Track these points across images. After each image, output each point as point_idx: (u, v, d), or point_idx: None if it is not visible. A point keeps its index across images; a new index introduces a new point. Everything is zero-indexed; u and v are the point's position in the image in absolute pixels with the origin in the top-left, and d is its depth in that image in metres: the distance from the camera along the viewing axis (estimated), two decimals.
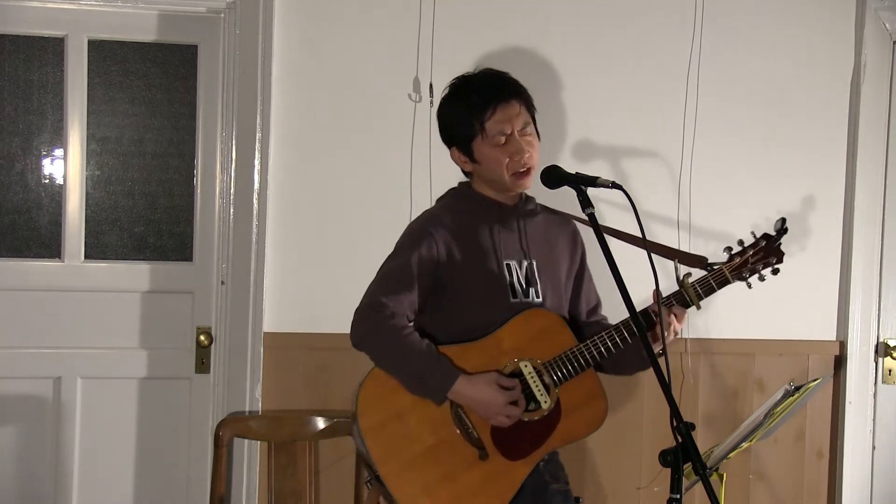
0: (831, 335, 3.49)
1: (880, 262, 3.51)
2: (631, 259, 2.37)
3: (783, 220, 2.42)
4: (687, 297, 2.36)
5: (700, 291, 2.37)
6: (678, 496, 1.94)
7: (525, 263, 2.42)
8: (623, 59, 3.30)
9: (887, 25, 3.44)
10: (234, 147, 3.14)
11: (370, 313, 2.30)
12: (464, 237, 2.38)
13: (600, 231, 2.16)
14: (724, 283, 2.39)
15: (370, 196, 3.19)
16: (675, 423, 1.92)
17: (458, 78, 2.45)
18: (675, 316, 2.34)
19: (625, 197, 2.13)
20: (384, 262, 2.40)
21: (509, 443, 2.32)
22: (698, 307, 2.37)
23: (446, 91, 2.44)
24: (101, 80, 3.19)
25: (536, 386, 2.33)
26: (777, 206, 3.39)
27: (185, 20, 3.19)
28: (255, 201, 3.14)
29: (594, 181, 2.22)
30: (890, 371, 3.52)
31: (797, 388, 2.52)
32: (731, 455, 2.63)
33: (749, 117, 3.38)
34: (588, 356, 2.34)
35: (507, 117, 2.34)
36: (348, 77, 3.17)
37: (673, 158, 3.34)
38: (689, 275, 2.39)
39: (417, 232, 2.39)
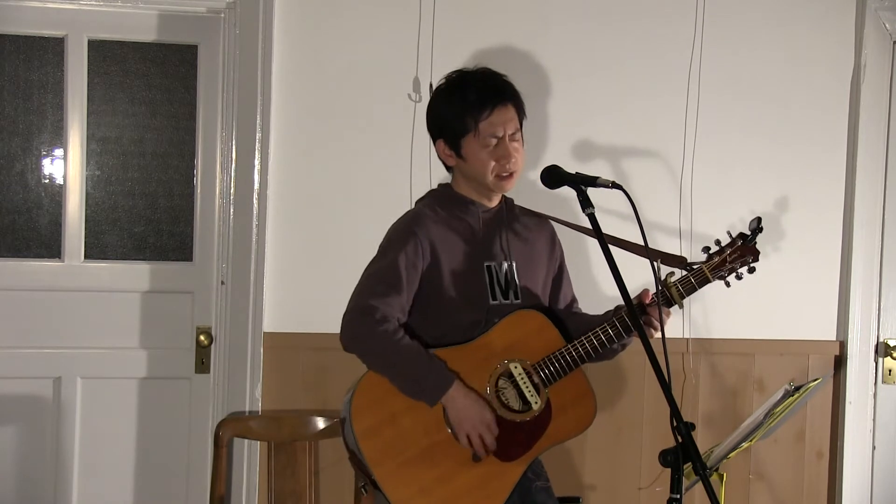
0: (831, 335, 3.48)
1: (880, 262, 3.51)
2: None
3: (759, 220, 2.44)
4: (670, 296, 2.39)
5: (682, 290, 2.39)
6: (678, 496, 1.95)
7: (505, 265, 2.43)
8: (623, 59, 3.30)
9: (887, 25, 3.44)
10: (234, 147, 3.14)
11: (358, 317, 2.30)
12: (446, 238, 2.38)
13: (600, 231, 2.18)
14: (704, 281, 2.42)
15: (370, 196, 3.19)
16: (675, 423, 1.93)
17: (455, 72, 2.45)
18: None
19: (625, 197, 2.14)
20: (369, 264, 2.39)
21: (502, 444, 2.32)
22: (681, 306, 2.41)
23: (442, 83, 2.44)
24: (101, 80, 3.19)
25: (527, 387, 2.34)
26: (778, 207, 3.40)
27: (184, 20, 3.19)
28: (255, 201, 3.14)
29: (594, 181, 2.24)
30: (890, 371, 3.52)
31: (797, 388, 2.52)
32: (731, 455, 2.63)
33: (749, 117, 3.38)
34: (576, 355, 2.36)
35: (502, 120, 2.35)
36: (348, 77, 3.17)
37: (674, 158, 3.34)
38: (671, 274, 2.43)
39: (402, 232, 2.38)
